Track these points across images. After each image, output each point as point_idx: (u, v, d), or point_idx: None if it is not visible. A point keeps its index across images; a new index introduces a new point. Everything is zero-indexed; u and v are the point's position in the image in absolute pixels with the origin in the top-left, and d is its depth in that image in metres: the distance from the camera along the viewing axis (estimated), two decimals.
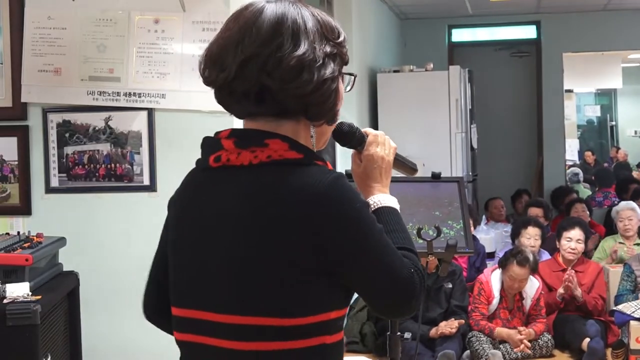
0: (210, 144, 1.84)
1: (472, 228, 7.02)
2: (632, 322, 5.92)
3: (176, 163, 3.90)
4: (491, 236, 8.00)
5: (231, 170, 1.77)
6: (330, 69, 1.77)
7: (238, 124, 3.86)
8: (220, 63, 1.77)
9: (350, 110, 7.24)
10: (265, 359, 1.71)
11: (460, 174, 7.93)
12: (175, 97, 3.91)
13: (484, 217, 9.03)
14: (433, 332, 5.94)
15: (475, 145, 9.14)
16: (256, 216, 1.71)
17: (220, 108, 3.79)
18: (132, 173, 3.96)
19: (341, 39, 1.83)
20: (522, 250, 6.18)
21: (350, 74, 1.90)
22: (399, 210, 1.94)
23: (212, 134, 3.84)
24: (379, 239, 1.74)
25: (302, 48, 1.74)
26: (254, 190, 1.73)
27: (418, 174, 2.38)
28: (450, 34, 10.85)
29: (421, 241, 2.46)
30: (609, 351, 6.07)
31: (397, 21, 10.09)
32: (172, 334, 1.93)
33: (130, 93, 3.91)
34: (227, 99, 1.82)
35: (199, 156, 1.71)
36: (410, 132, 7.90)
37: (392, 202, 1.94)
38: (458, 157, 8.23)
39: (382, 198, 1.93)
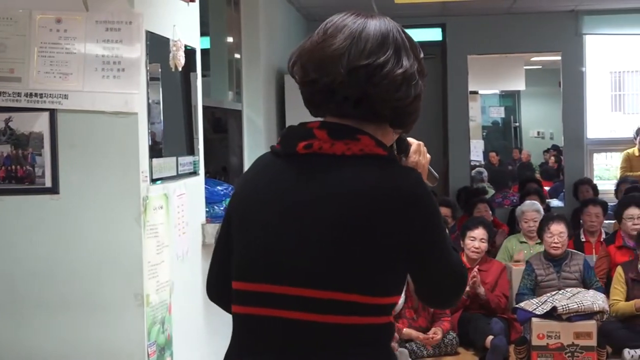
0: (299, 132, 1.99)
1: None
2: (533, 319, 6.06)
3: (79, 165, 3.84)
4: None
5: (323, 158, 1.92)
6: (420, 84, 1.99)
7: (143, 125, 3.82)
8: (325, 67, 1.92)
9: (257, 112, 7.24)
10: (343, 331, 1.88)
11: None
12: (78, 98, 3.84)
13: None
14: None
15: None
16: (354, 203, 1.87)
17: (124, 109, 3.76)
18: (33, 175, 3.88)
19: (422, 55, 2.04)
20: None
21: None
22: None
23: (116, 135, 3.81)
24: (446, 237, 1.99)
25: (405, 64, 1.94)
26: (348, 179, 1.89)
27: None
28: None
29: None
30: (512, 348, 6.19)
31: (304, 23, 10.11)
32: (231, 313, 2.05)
33: (31, 94, 3.83)
34: (324, 99, 1.97)
35: (103, 157, 1.73)
36: None
37: None
38: None
39: None
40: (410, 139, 2.25)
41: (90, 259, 3.84)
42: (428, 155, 2.28)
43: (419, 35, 11.06)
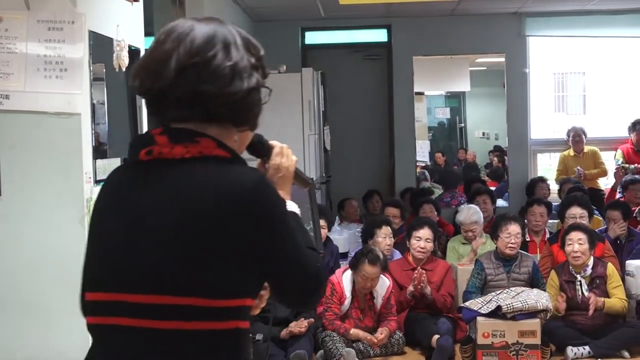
0: (141, 140, 1.97)
1: (326, 230, 7.09)
2: (479, 318, 6.10)
3: (21, 166, 3.79)
4: (344, 237, 8.10)
5: (163, 162, 1.91)
6: (255, 79, 1.97)
7: (86, 125, 3.78)
8: (156, 72, 1.92)
9: None
10: (185, 338, 1.85)
11: (313, 176, 7.99)
12: (19, 98, 3.79)
13: (337, 217, 9.13)
14: (283, 333, 5.95)
15: (328, 147, 9.24)
16: (189, 205, 1.86)
17: (67, 110, 3.71)
18: None
19: (262, 54, 2.04)
20: (372, 250, 6.28)
21: (267, 87, 2.05)
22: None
23: (59, 136, 3.78)
24: (295, 235, 1.96)
25: (234, 58, 1.93)
26: (187, 181, 1.89)
27: None
28: (303, 36, 10.93)
29: None
30: (457, 347, 6.23)
31: (250, 23, 10.09)
32: None
33: None
34: (161, 104, 1.95)
35: (46, 158, 1.73)
36: (263, 133, 7.81)
37: (295, 207, 2.14)
38: (311, 158, 8.30)
39: (287, 204, 2.09)
40: (272, 142, 2.24)
41: (32, 261, 3.79)
42: (294, 157, 2.26)
43: (364, 36, 11.13)
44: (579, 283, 6.39)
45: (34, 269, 3.78)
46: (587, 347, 6.16)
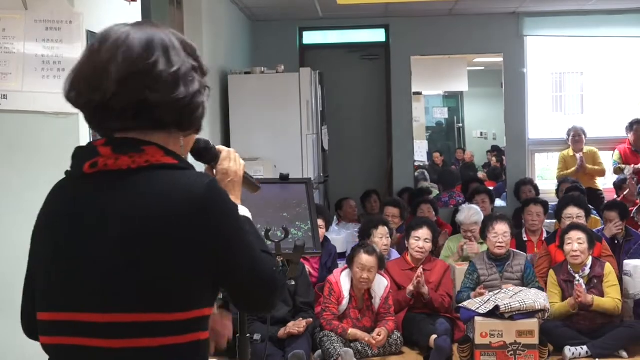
0: (84, 152, 1.90)
1: (324, 229, 7.08)
2: (476, 318, 6.09)
3: (17, 165, 3.78)
4: (342, 237, 8.09)
5: (109, 174, 1.85)
6: (197, 81, 1.93)
7: (84, 126, 3.77)
8: (95, 84, 1.84)
9: None
10: (144, 356, 1.80)
11: (311, 176, 7.99)
12: (17, 98, 3.79)
13: (335, 217, 9.13)
14: (281, 332, 5.95)
15: (326, 147, 9.24)
16: (139, 216, 1.81)
17: (65, 110, 3.70)
18: None
19: (198, 53, 1.99)
20: (368, 243, 6.31)
21: (207, 87, 2.02)
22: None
23: (57, 136, 3.79)
24: (249, 240, 1.92)
25: (176, 64, 1.88)
26: (135, 192, 1.83)
27: (268, 175, 2.42)
28: (301, 36, 10.93)
29: (269, 242, 2.49)
30: (455, 347, 6.22)
31: (248, 23, 10.08)
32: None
33: None
34: (103, 116, 1.88)
35: (43, 158, 1.71)
36: (261, 133, 7.91)
37: (246, 212, 2.12)
38: (309, 158, 8.29)
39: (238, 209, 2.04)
40: (219, 147, 2.24)
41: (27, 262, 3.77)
42: (242, 162, 2.24)
43: (362, 36, 11.12)
44: (577, 283, 6.39)
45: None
46: (585, 347, 6.16)
